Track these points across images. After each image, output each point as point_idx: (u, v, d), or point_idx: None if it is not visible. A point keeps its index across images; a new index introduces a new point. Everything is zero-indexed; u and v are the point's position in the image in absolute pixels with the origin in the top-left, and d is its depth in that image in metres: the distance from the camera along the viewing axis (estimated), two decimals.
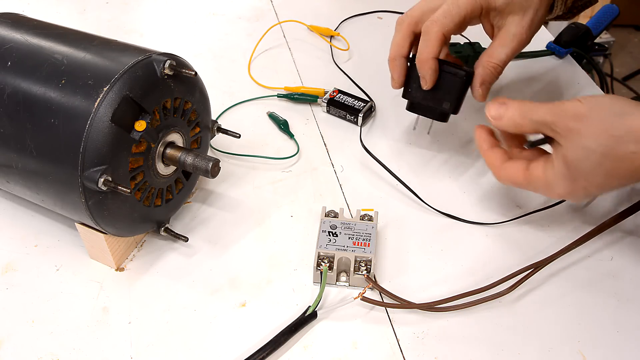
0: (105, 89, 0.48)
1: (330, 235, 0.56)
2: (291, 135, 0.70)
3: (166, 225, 0.57)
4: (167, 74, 0.52)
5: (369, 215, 0.58)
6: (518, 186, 0.53)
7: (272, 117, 0.72)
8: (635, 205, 0.56)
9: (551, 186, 0.50)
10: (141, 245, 0.59)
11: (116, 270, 0.57)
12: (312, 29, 0.85)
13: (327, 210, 0.58)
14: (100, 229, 0.53)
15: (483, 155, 0.55)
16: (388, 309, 0.53)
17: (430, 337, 0.51)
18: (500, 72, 0.59)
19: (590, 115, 0.47)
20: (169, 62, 0.51)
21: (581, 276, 0.56)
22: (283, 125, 0.71)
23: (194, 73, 0.53)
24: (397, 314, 0.53)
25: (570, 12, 0.65)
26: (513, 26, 0.58)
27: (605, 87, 0.83)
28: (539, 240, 0.59)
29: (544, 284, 0.55)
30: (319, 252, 0.54)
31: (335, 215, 0.58)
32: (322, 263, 0.54)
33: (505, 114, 0.52)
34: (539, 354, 0.50)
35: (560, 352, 0.50)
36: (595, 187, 0.48)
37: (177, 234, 0.57)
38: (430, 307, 0.52)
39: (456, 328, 0.52)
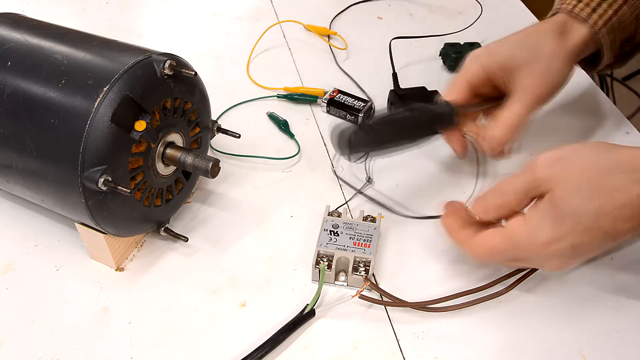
0: (105, 89, 0.48)
1: (331, 234, 0.56)
2: (291, 136, 0.70)
3: (166, 225, 0.57)
4: (167, 74, 0.52)
5: (372, 217, 0.58)
6: (497, 255, 0.48)
7: (272, 117, 0.72)
8: None
9: (534, 234, 0.45)
10: (141, 245, 0.59)
11: (116, 270, 0.57)
12: (310, 28, 0.85)
13: (330, 210, 0.58)
14: (100, 229, 0.53)
15: (454, 238, 0.51)
16: (388, 309, 0.53)
17: (430, 336, 0.51)
18: (517, 129, 0.56)
19: (571, 156, 0.45)
20: (169, 62, 0.51)
21: (581, 276, 0.56)
22: (283, 126, 0.71)
23: (194, 73, 0.53)
24: (396, 313, 0.53)
25: (622, 60, 0.61)
26: (523, 79, 0.55)
27: (605, 87, 0.83)
28: None
29: (544, 284, 0.55)
30: (318, 251, 0.54)
31: (339, 215, 0.58)
32: (321, 261, 0.54)
33: (486, 202, 0.49)
34: (539, 354, 0.50)
35: (560, 352, 0.50)
36: (583, 231, 0.43)
37: (177, 234, 0.57)
38: (429, 306, 0.52)
39: (456, 328, 0.52)
